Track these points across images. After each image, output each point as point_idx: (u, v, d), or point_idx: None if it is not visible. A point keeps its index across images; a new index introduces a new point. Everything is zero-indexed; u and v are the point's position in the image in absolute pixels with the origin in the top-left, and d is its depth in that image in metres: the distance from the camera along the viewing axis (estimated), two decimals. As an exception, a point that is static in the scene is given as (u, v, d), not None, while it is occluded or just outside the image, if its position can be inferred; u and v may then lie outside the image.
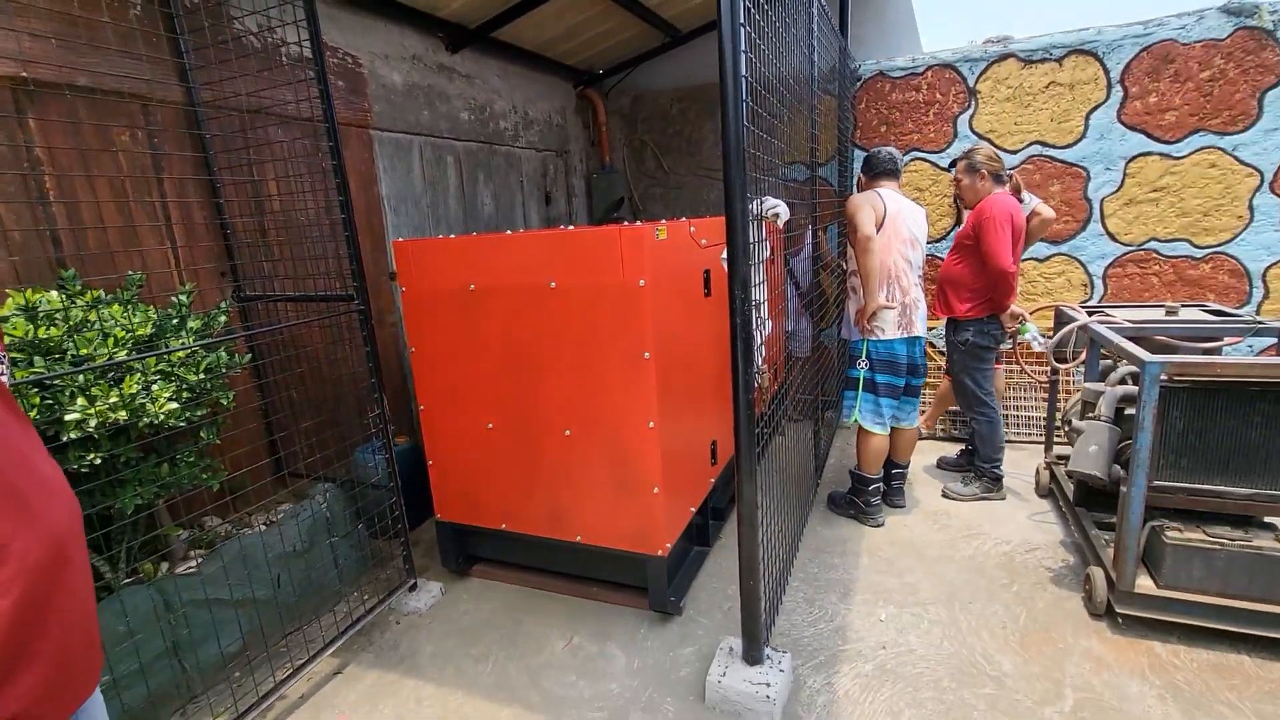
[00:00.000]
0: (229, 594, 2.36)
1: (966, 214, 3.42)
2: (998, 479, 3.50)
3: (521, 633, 2.64)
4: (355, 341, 3.15)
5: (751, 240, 1.91)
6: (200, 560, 2.40)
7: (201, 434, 2.23)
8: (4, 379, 1.05)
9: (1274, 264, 3.99)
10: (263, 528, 2.69)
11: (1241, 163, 3.93)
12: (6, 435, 0.98)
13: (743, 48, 1.75)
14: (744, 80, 1.77)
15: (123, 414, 1.84)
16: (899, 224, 3.12)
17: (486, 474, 2.79)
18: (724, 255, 2.00)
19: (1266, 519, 2.31)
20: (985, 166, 3.24)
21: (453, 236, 2.75)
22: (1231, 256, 4.06)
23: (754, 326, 1.94)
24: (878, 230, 3.05)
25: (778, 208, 2.62)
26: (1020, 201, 3.37)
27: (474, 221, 4.42)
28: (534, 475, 2.69)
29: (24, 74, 2.11)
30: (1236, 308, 4.09)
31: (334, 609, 2.73)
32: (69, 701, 1.01)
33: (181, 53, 2.61)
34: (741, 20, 1.73)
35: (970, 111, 4.45)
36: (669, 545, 2.55)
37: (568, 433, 2.57)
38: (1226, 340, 2.68)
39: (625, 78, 5.62)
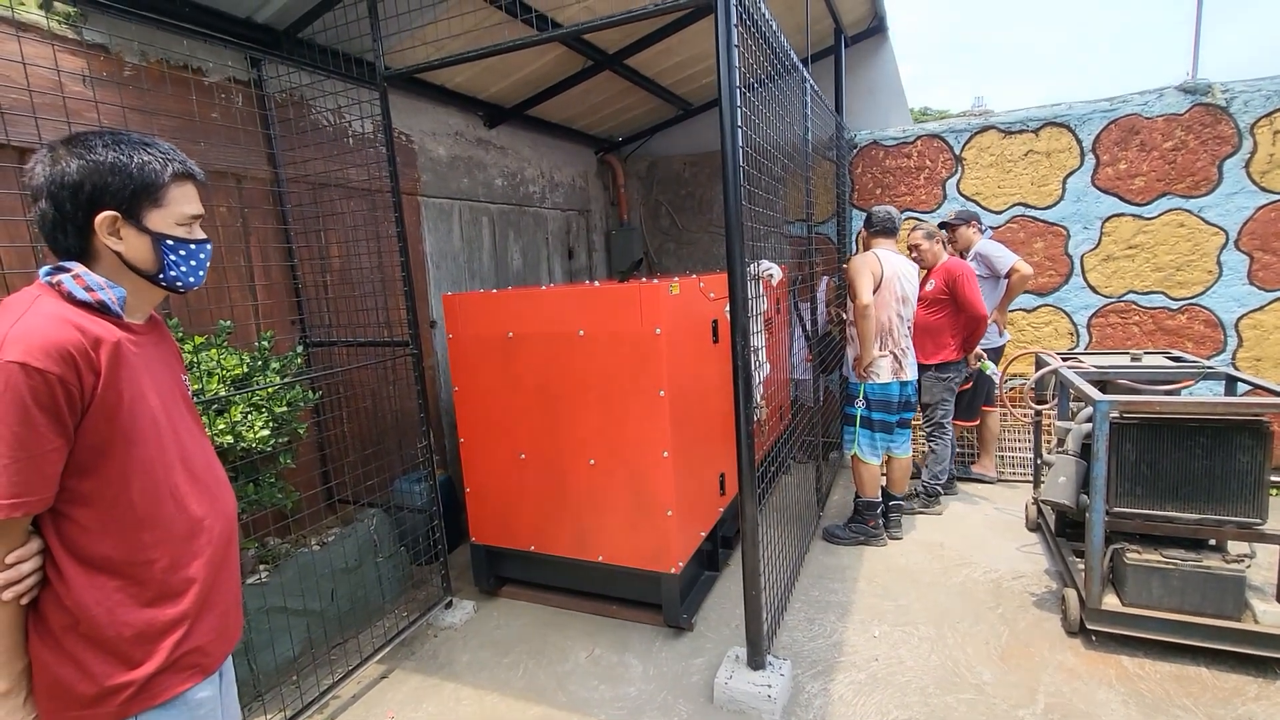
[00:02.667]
0: (299, 603, 2.68)
1: (929, 274, 3.90)
2: (937, 495, 4.05)
3: (548, 645, 2.91)
4: (404, 382, 3.55)
5: (750, 296, 2.29)
6: (268, 573, 2.74)
7: (280, 459, 2.60)
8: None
9: (1245, 314, 4.29)
10: (316, 547, 3.02)
11: (1207, 223, 4.29)
12: (201, 442, 1.35)
13: (739, 123, 2.15)
14: (740, 149, 2.16)
15: (229, 438, 2.22)
16: (894, 285, 3.50)
17: (518, 500, 3.12)
18: (728, 308, 2.38)
19: (1214, 541, 2.57)
20: (938, 235, 3.88)
21: (494, 291, 3.17)
22: (1205, 308, 4.38)
23: (753, 366, 2.29)
24: (875, 290, 3.44)
25: (771, 269, 3.01)
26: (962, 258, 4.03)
27: (504, 275, 4.87)
28: (561, 501, 3.02)
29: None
30: (1212, 355, 4.38)
31: (377, 623, 3.03)
32: (227, 645, 1.34)
33: (270, 138, 3.10)
34: (738, 103, 2.13)
35: (957, 176, 4.89)
36: (681, 564, 2.85)
37: (592, 462, 2.91)
38: (1182, 383, 2.98)
39: (642, 144, 6.17)
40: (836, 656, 2.70)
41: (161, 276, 1.20)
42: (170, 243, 1.19)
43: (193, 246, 1.23)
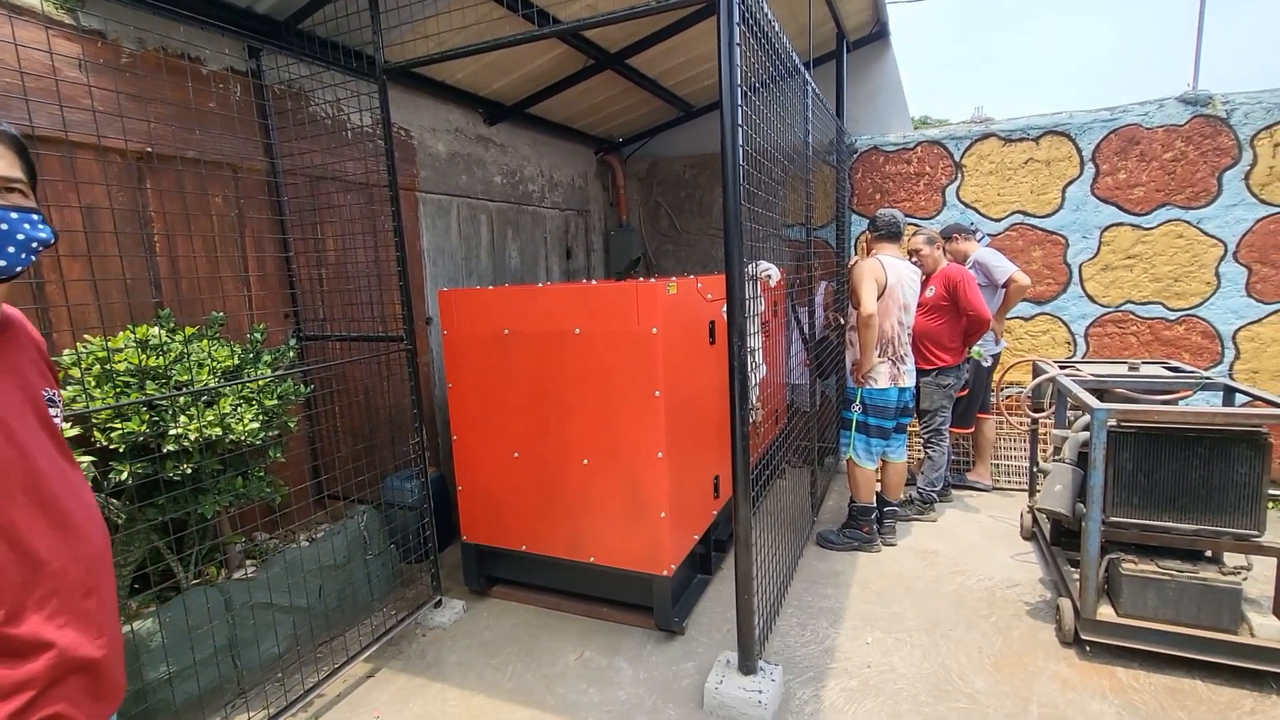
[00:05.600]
0: (286, 599, 2.65)
1: (928, 279, 3.88)
2: (932, 501, 4.04)
3: (538, 646, 2.88)
4: (398, 377, 3.52)
5: (747, 297, 2.27)
6: (254, 568, 2.70)
7: (270, 453, 2.57)
8: (58, 422, 1.17)
9: (1242, 326, 4.29)
10: (305, 543, 2.99)
11: (1206, 234, 4.29)
12: (60, 467, 1.13)
13: (739, 122, 2.13)
14: (740, 149, 2.13)
15: (217, 430, 2.18)
16: (897, 293, 3.48)
17: (511, 499, 3.09)
18: (724, 308, 2.36)
19: (1210, 553, 2.55)
20: (937, 241, 3.89)
21: (490, 288, 3.14)
22: (1203, 319, 4.38)
23: (749, 368, 2.27)
24: (879, 298, 3.41)
25: (769, 269, 2.99)
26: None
27: (502, 273, 4.84)
28: (554, 500, 2.99)
29: (149, 149, 2.56)
30: (1209, 367, 4.37)
31: (365, 621, 3.00)
32: (102, 710, 1.11)
33: (267, 129, 3.07)
34: (739, 102, 2.11)
35: (957, 183, 4.88)
36: (673, 566, 2.82)
37: (585, 462, 2.88)
38: (1180, 393, 2.96)
39: (643, 145, 6.16)
40: (828, 662, 2.68)
41: None
42: None
43: None
